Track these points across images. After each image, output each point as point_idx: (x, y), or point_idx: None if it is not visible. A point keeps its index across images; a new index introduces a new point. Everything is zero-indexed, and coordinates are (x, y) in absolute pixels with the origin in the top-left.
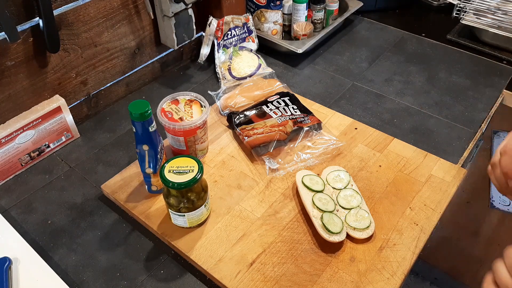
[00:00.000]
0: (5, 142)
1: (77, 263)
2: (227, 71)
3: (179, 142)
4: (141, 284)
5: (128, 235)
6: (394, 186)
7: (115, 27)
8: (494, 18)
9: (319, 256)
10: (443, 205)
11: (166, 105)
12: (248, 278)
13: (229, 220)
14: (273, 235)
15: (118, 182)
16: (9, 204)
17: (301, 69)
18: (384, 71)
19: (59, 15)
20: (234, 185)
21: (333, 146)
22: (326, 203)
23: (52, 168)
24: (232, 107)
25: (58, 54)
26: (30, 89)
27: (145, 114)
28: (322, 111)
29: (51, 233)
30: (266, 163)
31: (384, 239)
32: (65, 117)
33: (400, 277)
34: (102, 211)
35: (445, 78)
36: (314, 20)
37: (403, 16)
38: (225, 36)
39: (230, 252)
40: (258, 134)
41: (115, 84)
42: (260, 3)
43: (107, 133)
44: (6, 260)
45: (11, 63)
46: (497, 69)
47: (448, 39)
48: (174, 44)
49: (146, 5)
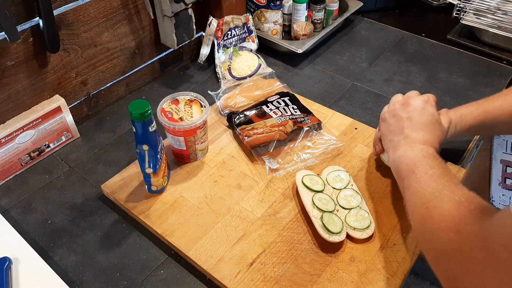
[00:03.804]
0: (5, 142)
1: (77, 263)
2: (227, 71)
3: (179, 142)
4: (141, 284)
5: (128, 235)
6: (394, 186)
7: (115, 27)
8: (494, 18)
9: (319, 256)
10: None
11: (166, 105)
12: (248, 278)
13: (229, 220)
14: (273, 235)
15: (118, 182)
16: (9, 204)
17: (301, 69)
18: (384, 71)
19: (59, 15)
20: (234, 185)
21: (333, 146)
22: (326, 203)
23: (52, 168)
24: (232, 107)
25: (58, 54)
26: (30, 89)
27: (145, 114)
28: (322, 111)
29: (51, 233)
30: (266, 163)
31: (384, 239)
32: (65, 117)
33: (400, 277)
34: (102, 211)
35: (445, 78)
36: (314, 20)
37: (403, 16)
38: (225, 36)
39: (230, 252)
40: (258, 134)
41: (115, 84)
42: (260, 3)
43: (107, 133)
44: (6, 260)
45: (11, 63)
46: (497, 69)
47: (448, 39)
48: (174, 44)
49: (146, 5)
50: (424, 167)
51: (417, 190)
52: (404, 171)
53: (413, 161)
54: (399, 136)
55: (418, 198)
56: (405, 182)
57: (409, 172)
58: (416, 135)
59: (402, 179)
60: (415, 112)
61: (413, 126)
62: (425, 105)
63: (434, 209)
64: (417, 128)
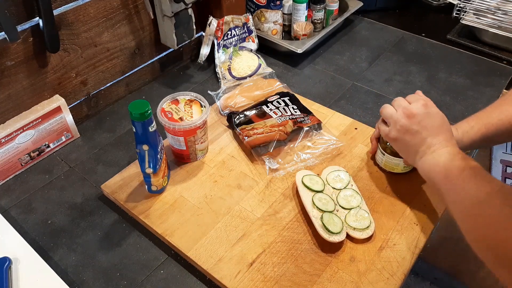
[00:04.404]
0: (5, 142)
1: (77, 263)
2: (227, 71)
3: (179, 142)
4: (141, 284)
5: (128, 235)
6: (394, 186)
7: (115, 27)
8: (494, 18)
9: (319, 256)
10: (443, 205)
11: (166, 105)
12: (248, 278)
13: (229, 220)
14: (273, 235)
15: (118, 182)
16: (9, 204)
17: (301, 69)
18: (384, 71)
19: (59, 15)
20: (234, 185)
21: (333, 146)
22: (326, 203)
23: (52, 168)
24: (232, 107)
25: (58, 54)
26: (30, 89)
27: (145, 114)
28: (322, 111)
29: (51, 233)
30: (266, 163)
31: (384, 239)
32: (65, 117)
33: (400, 277)
34: (102, 211)
35: (445, 78)
36: (314, 20)
37: (403, 16)
38: (225, 36)
39: (230, 252)
40: (258, 134)
41: (115, 84)
42: (260, 3)
43: (107, 133)
44: (6, 260)
45: (11, 63)
46: (497, 69)
47: (448, 39)
48: (174, 44)
49: (146, 5)
50: (456, 171)
51: (456, 198)
52: (437, 178)
53: (444, 167)
54: (422, 147)
55: (462, 206)
56: (443, 189)
57: (441, 179)
58: (437, 140)
59: (438, 186)
60: (425, 120)
61: (430, 133)
62: (428, 109)
63: (481, 217)
64: (435, 133)
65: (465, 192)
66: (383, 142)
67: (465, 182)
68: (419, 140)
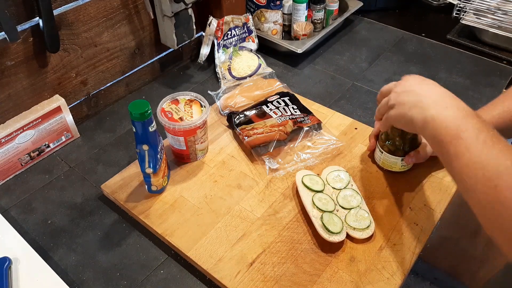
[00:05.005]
0: (5, 142)
1: (77, 263)
2: (227, 71)
3: (179, 142)
4: (141, 284)
5: (128, 235)
6: (394, 186)
7: (115, 27)
8: (494, 18)
9: (319, 256)
10: (443, 205)
11: (166, 105)
12: (248, 278)
13: (229, 220)
14: (273, 235)
15: (118, 182)
16: (9, 204)
17: (301, 69)
18: (384, 71)
19: (59, 15)
20: (234, 185)
21: (333, 146)
22: (326, 203)
23: (52, 168)
24: (232, 107)
25: (58, 54)
26: (30, 89)
27: (145, 114)
28: (322, 111)
29: (51, 233)
30: (266, 163)
31: (384, 239)
32: (65, 117)
33: (400, 277)
34: (102, 211)
35: (445, 78)
36: (314, 20)
37: (403, 16)
38: (225, 36)
39: (230, 252)
40: (258, 134)
41: (115, 84)
42: (260, 3)
43: (107, 133)
44: (6, 260)
45: (11, 63)
46: (497, 69)
47: (448, 39)
48: (174, 44)
49: (146, 5)
50: (472, 130)
51: (472, 161)
52: (444, 135)
53: (455, 123)
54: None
55: (479, 171)
56: (451, 149)
57: (453, 137)
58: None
59: (443, 144)
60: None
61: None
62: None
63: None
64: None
65: (482, 160)
66: (381, 140)
67: (484, 147)
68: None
